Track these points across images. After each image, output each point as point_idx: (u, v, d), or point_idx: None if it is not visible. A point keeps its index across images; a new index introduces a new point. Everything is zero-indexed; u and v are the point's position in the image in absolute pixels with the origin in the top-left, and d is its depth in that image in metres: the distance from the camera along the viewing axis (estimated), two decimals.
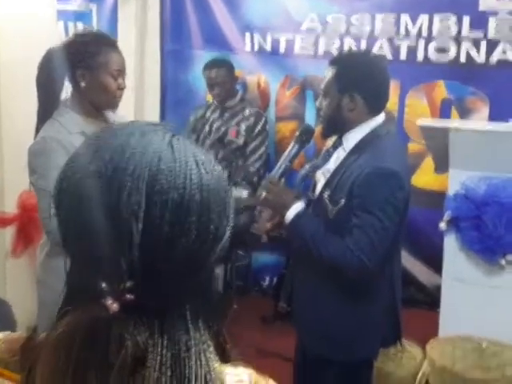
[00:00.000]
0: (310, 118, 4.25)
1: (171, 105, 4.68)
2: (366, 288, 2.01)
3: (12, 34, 3.23)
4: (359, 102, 2.03)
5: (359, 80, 2.04)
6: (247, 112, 4.10)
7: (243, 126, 4.08)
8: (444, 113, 3.86)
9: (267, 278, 4.45)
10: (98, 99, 2.25)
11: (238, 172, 3.98)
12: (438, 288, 3.87)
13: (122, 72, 2.27)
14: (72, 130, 2.18)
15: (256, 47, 4.36)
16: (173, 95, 4.65)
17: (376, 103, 2.07)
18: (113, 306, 0.70)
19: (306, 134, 2.18)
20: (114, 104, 2.30)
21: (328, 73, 2.08)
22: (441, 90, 3.88)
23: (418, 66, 3.92)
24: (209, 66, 4.03)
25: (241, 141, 4.09)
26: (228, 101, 4.10)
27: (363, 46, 4.04)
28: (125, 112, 4.52)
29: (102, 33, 2.36)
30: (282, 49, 4.29)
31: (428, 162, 3.82)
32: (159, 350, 0.71)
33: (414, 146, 3.95)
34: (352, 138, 2.06)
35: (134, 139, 0.77)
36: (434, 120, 3.55)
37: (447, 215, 2.71)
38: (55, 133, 2.16)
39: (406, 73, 3.92)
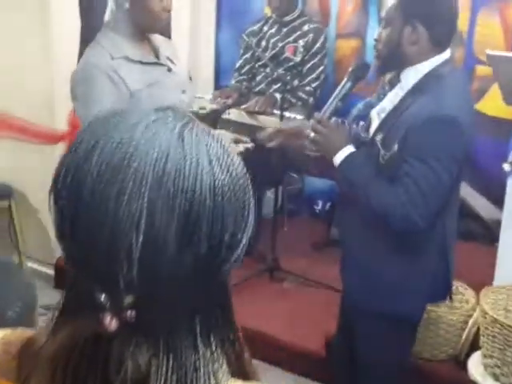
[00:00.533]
0: (372, 36, 3.97)
1: (226, 16, 4.48)
2: (415, 239, 1.89)
3: None
4: (422, 34, 1.84)
5: (425, 9, 1.84)
6: (306, 27, 3.89)
7: (301, 43, 3.89)
8: None
9: (320, 203, 4.36)
10: (142, 21, 2.13)
11: (293, 92, 3.82)
12: (499, 223, 3.73)
13: None
14: (115, 55, 2.09)
15: None
16: (228, 6, 4.45)
17: (441, 37, 1.88)
18: (111, 323, 0.62)
19: (360, 70, 2.00)
20: (159, 27, 2.19)
21: (390, 0, 1.89)
22: None
23: None
24: None
25: (298, 58, 3.91)
26: (287, 15, 3.90)
27: None
28: (180, 22, 4.45)
29: None
30: None
31: (497, 88, 3.58)
32: (163, 371, 0.64)
33: (483, 70, 3.69)
34: (412, 76, 1.89)
35: (138, 132, 0.66)
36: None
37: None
38: (97, 58, 2.07)
39: None
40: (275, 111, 3.56)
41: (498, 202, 3.64)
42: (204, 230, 0.65)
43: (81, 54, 2.16)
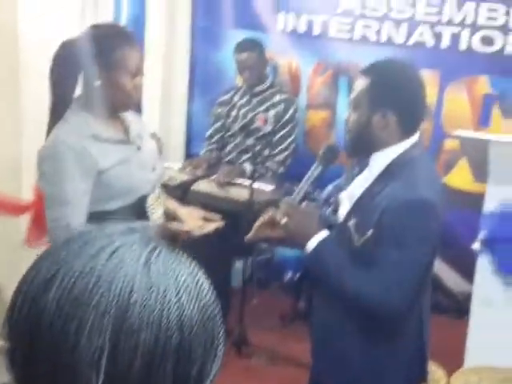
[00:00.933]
0: (342, 107, 4.06)
1: (200, 84, 4.52)
2: (392, 326, 1.86)
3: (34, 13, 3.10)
4: (392, 121, 1.85)
5: (395, 96, 1.85)
6: (277, 98, 3.94)
7: (272, 113, 3.92)
8: (485, 109, 3.65)
9: (290, 273, 4.33)
10: (113, 99, 2.11)
11: (262, 163, 3.83)
12: (467, 295, 3.73)
13: (139, 70, 2.12)
14: (84, 134, 2.06)
15: (289, 28, 4.16)
16: (202, 75, 4.49)
17: (411, 124, 1.89)
18: None
19: (330, 153, 2.00)
20: (130, 104, 2.17)
21: (360, 83, 1.89)
22: (483, 85, 3.66)
23: (460, 56, 3.69)
24: (240, 48, 3.87)
25: (269, 128, 3.94)
26: (258, 86, 3.94)
27: (403, 30, 3.83)
28: (152, 88, 4.47)
29: (119, 26, 2.22)
30: (316, 30, 4.08)
31: (465, 161, 3.63)
32: None
33: (451, 143, 3.75)
34: (381, 160, 1.89)
35: (101, 260, 0.63)
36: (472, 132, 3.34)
37: (482, 235, 2.54)
38: (65, 136, 2.04)
39: (447, 63, 3.71)
40: (245, 183, 3.55)
41: (467, 274, 3.65)
42: (170, 366, 0.61)
43: (49, 129, 2.11)
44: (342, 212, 1.95)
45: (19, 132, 3.17)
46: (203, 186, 3.48)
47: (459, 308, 3.70)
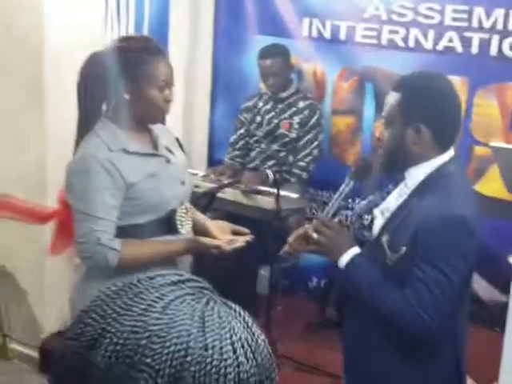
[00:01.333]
0: (369, 112, 4.01)
1: (222, 91, 4.48)
2: (426, 345, 1.81)
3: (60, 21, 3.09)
4: (425, 135, 1.80)
5: (427, 109, 1.81)
6: (301, 104, 3.90)
7: (296, 119, 3.88)
8: None
9: (315, 280, 4.28)
10: (142, 113, 2.09)
11: (287, 169, 3.79)
12: (500, 306, 3.66)
13: (169, 83, 2.09)
14: (113, 148, 2.03)
15: (314, 33, 4.11)
16: (224, 81, 4.46)
17: (445, 137, 1.84)
18: None
19: (362, 170, 1.96)
20: (160, 118, 2.15)
21: (391, 99, 1.85)
22: None
23: (490, 63, 3.62)
24: (264, 54, 3.83)
25: (293, 134, 3.90)
26: (282, 92, 3.90)
27: (431, 36, 3.77)
28: (175, 93, 4.44)
29: (149, 38, 2.18)
30: (341, 36, 4.03)
31: (496, 168, 3.56)
32: None
33: (480, 150, 3.69)
34: (416, 175, 1.85)
35: (153, 315, 0.60)
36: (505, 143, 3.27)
37: None
38: (95, 150, 2.02)
39: (476, 69, 3.64)
40: (270, 190, 3.51)
41: (499, 284, 3.59)
42: None
43: (77, 142, 2.09)
44: (376, 228, 1.91)
45: (45, 143, 3.16)
46: (229, 194, 3.45)
47: (491, 318, 3.63)
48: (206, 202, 3.28)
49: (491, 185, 3.53)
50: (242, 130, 4.06)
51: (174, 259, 2.14)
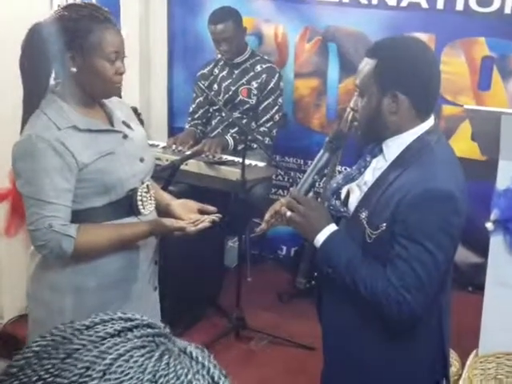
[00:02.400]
0: (333, 74, 3.85)
1: (179, 55, 4.28)
2: (410, 327, 1.70)
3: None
4: (403, 103, 1.66)
5: (405, 76, 1.66)
6: (258, 68, 3.72)
7: (255, 84, 3.71)
8: (485, 72, 3.47)
9: (284, 248, 4.17)
10: (91, 87, 1.90)
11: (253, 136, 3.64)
12: (471, 266, 3.61)
13: (120, 54, 1.90)
14: (62, 125, 1.85)
15: None
16: (180, 46, 4.25)
17: (424, 105, 1.70)
18: None
19: (337, 141, 1.81)
20: (112, 92, 1.96)
21: (365, 66, 1.70)
22: (482, 47, 3.47)
23: (456, 18, 3.49)
24: (214, 19, 3.61)
25: (253, 100, 3.74)
26: (237, 57, 3.72)
27: None
28: (130, 61, 4.22)
29: (95, 5, 1.98)
30: None
31: (465, 127, 3.46)
32: None
33: (449, 109, 3.58)
34: (395, 146, 1.71)
35: (92, 382, 0.46)
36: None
37: (494, 214, 2.38)
38: (42, 129, 1.83)
39: (442, 25, 3.50)
40: (235, 159, 3.37)
41: (471, 246, 3.52)
42: None
43: (24, 122, 1.90)
44: (353, 203, 1.78)
45: None
46: (192, 166, 3.29)
47: (461, 278, 3.56)
48: (168, 175, 3.12)
49: (461, 145, 3.43)
50: (200, 98, 3.88)
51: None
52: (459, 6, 3.45)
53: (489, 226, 2.37)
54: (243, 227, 3.73)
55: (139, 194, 1.98)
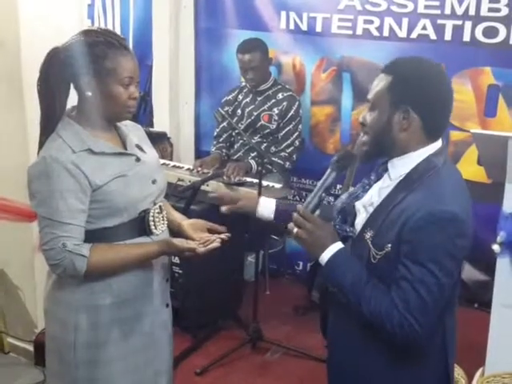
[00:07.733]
0: (347, 101, 3.67)
1: (205, 85, 4.15)
2: (414, 349, 1.49)
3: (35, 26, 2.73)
4: (414, 122, 1.47)
5: (418, 94, 1.47)
6: (280, 96, 3.57)
7: (276, 111, 3.55)
8: (490, 100, 3.24)
9: (301, 263, 3.97)
10: (106, 110, 1.74)
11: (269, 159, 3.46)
12: (477, 283, 3.36)
13: (134, 79, 1.74)
14: (76, 148, 1.69)
15: (292, 26, 3.75)
16: (207, 75, 4.12)
17: (434, 126, 1.50)
18: None
19: (344, 160, 1.61)
20: (124, 115, 1.79)
21: (380, 81, 1.50)
22: (488, 76, 3.25)
23: (463, 48, 3.28)
24: (242, 49, 3.49)
25: (273, 126, 3.57)
26: (261, 85, 3.57)
27: (404, 25, 3.42)
28: (161, 90, 4.10)
29: (112, 31, 1.81)
30: (318, 28, 3.67)
31: (472, 152, 3.24)
32: None
33: (457, 135, 3.36)
34: (401, 166, 1.52)
35: None
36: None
37: (501, 236, 2.15)
38: (57, 152, 1.67)
39: (450, 55, 3.29)
40: (254, 181, 3.19)
41: (478, 265, 3.30)
42: None
43: (41, 144, 1.75)
44: (359, 223, 1.57)
45: (26, 143, 2.82)
46: (212, 187, 3.12)
47: (468, 295, 3.33)
48: (189, 195, 2.96)
49: (468, 169, 3.20)
50: (224, 123, 3.72)
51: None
52: (466, 37, 3.25)
53: (495, 248, 2.15)
54: (262, 243, 3.56)
55: (151, 214, 1.81)
